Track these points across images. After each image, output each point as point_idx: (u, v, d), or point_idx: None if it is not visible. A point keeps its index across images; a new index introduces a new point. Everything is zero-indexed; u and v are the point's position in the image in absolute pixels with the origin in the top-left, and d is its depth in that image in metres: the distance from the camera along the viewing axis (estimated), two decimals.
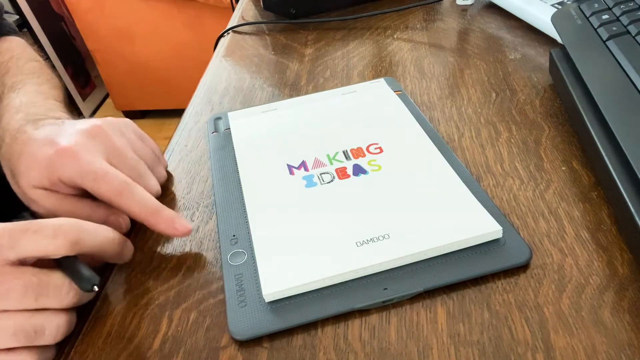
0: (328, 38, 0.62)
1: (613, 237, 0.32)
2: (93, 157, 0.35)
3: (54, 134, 0.36)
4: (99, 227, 0.31)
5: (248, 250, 0.34)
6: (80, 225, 0.30)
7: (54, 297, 0.29)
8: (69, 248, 0.29)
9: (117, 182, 0.34)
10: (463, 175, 0.37)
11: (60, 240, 0.29)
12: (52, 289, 0.28)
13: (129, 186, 0.34)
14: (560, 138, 0.40)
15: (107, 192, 0.34)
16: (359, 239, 0.32)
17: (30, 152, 0.35)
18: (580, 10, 0.45)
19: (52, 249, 0.29)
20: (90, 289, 0.29)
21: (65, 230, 0.29)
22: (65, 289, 0.29)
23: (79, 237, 0.29)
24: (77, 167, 0.34)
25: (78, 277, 0.29)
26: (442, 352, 0.27)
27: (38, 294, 0.28)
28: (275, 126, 0.45)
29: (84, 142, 0.35)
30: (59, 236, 0.29)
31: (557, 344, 0.27)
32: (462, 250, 0.32)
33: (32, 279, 0.28)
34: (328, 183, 0.37)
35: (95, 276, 0.29)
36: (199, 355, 0.29)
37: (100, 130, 0.37)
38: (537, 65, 0.50)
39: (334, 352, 0.28)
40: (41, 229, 0.29)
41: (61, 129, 0.37)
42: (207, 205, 0.39)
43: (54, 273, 0.29)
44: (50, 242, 0.28)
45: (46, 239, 0.28)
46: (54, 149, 0.35)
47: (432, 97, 0.48)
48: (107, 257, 0.32)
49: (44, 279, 0.28)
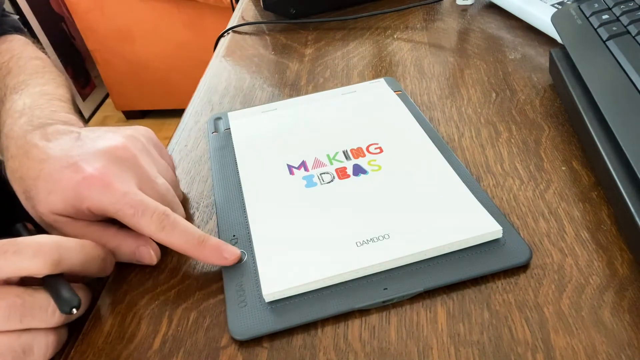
0: (328, 38, 0.62)
1: (613, 237, 0.32)
2: (128, 187, 0.32)
3: (73, 152, 0.33)
4: (82, 245, 0.31)
5: (248, 250, 0.34)
6: (61, 243, 0.29)
7: (39, 318, 0.28)
8: (51, 268, 0.28)
9: (157, 216, 0.31)
10: (463, 175, 0.37)
11: (41, 260, 0.28)
12: (37, 309, 0.28)
13: (169, 218, 0.32)
14: (560, 138, 0.40)
15: (147, 227, 0.31)
16: (359, 239, 0.32)
17: (50, 176, 0.33)
18: (580, 10, 0.45)
19: (33, 269, 0.28)
20: (69, 312, 0.28)
21: (47, 250, 0.28)
22: (51, 308, 0.28)
23: (60, 256, 0.29)
24: (112, 199, 0.31)
25: (58, 298, 0.28)
26: (442, 352, 0.27)
27: (22, 315, 0.27)
28: (275, 126, 0.45)
29: (113, 168, 0.33)
30: (40, 256, 0.28)
31: (557, 344, 0.27)
32: (462, 250, 0.32)
33: (15, 300, 0.27)
34: (328, 183, 0.37)
35: (75, 298, 0.28)
36: (199, 355, 0.29)
37: (127, 152, 0.34)
38: (537, 65, 0.50)
39: (334, 352, 0.28)
40: (21, 249, 0.28)
41: (79, 145, 0.34)
42: (207, 205, 0.39)
43: (38, 293, 0.28)
44: (31, 262, 0.28)
45: (27, 259, 0.28)
46: (81, 176, 0.32)
47: (432, 97, 0.48)
48: (91, 273, 0.31)
49: (28, 299, 0.28)
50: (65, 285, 0.29)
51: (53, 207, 0.33)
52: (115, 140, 0.35)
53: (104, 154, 0.33)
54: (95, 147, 0.34)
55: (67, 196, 0.32)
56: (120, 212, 0.32)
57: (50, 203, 0.32)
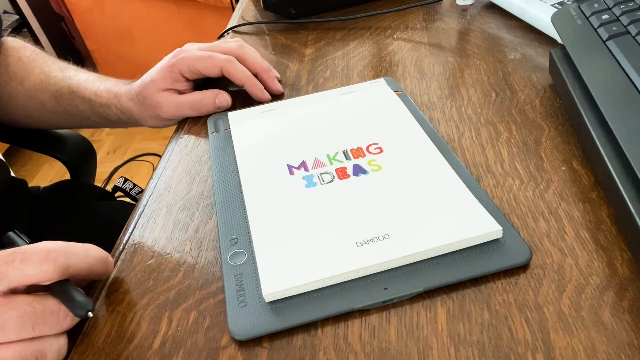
0: (328, 38, 0.62)
1: (613, 237, 0.32)
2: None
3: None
4: (87, 248, 0.31)
5: (248, 250, 0.34)
6: (68, 249, 0.30)
7: (51, 324, 0.28)
8: (60, 273, 0.28)
9: (222, 58, 0.49)
10: (463, 175, 0.37)
11: (50, 267, 0.28)
12: (49, 316, 0.28)
13: (231, 61, 0.49)
14: (560, 138, 0.40)
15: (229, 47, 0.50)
16: (359, 239, 0.32)
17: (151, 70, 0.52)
18: (580, 10, 0.45)
19: (42, 277, 0.28)
20: (85, 315, 0.28)
21: (54, 257, 0.28)
22: (62, 313, 0.28)
23: (68, 261, 0.29)
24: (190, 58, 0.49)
25: (71, 303, 0.28)
26: (442, 352, 0.27)
27: (35, 323, 0.27)
28: (275, 126, 0.45)
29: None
30: (49, 262, 0.28)
31: (557, 344, 0.27)
32: (462, 250, 0.32)
33: (26, 309, 0.27)
34: (328, 183, 0.37)
35: (89, 302, 0.29)
36: (199, 355, 0.29)
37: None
38: (537, 65, 0.50)
39: (334, 352, 0.28)
40: (28, 257, 0.28)
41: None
42: (207, 205, 0.39)
43: (47, 300, 0.28)
44: (40, 269, 0.28)
45: (35, 266, 0.28)
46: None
47: (432, 97, 0.48)
48: (95, 276, 0.32)
49: (39, 307, 0.28)
50: (76, 290, 0.29)
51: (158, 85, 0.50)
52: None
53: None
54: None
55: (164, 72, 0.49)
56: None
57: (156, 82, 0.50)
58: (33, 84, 0.57)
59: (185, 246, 0.36)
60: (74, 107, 0.56)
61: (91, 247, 0.32)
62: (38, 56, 0.59)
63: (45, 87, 0.56)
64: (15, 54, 0.58)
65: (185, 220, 0.38)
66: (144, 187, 0.45)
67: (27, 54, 0.59)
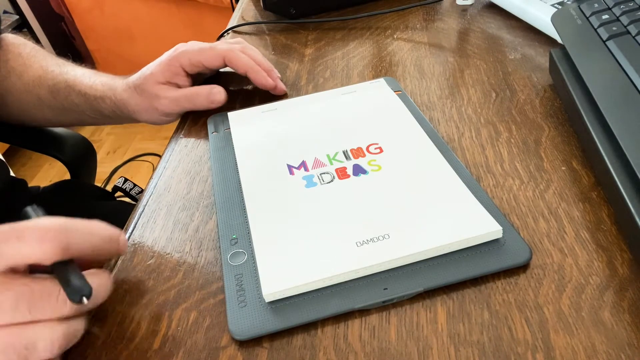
0: (328, 38, 0.62)
1: (613, 237, 0.32)
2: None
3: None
4: (91, 226, 0.29)
5: (248, 250, 0.34)
6: (69, 226, 0.27)
7: (49, 308, 0.26)
8: (59, 253, 0.26)
9: (224, 48, 0.50)
10: (463, 175, 0.37)
11: (48, 246, 0.26)
12: (47, 298, 0.26)
13: (234, 50, 0.49)
14: (560, 138, 0.40)
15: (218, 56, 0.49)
16: (359, 239, 0.32)
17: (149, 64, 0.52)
18: (580, 10, 0.45)
19: (40, 256, 0.26)
20: (79, 301, 0.26)
21: (53, 235, 0.26)
22: (62, 297, 0.26)
23: (68, 241, 0.27)
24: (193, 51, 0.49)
25: (67, 286, 0.26)
26: (442, 352, 0.27)
27: (31, 305, 0.25)
28: (275, 126, 0.45)
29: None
30: (47, 241, 0.26)
31: (557, 344, 0.27)
32: (462, 250, 0.32)
33: (23, 289, 0.25)
34: (328, 183, 0.37)
35: (85, 286, 0.26)
36: (199, 355, 0.29)
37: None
38: (537, 65, 0.50)
39: (334, 352, 0.28)
40: (24, 235, 0.26)
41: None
42: (207, 205, 0.39)
43: (47, 281, 0.26)
44: (37, 248, 0.26)
45: (32, 245, 0.26)
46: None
47: (432, 97, 0.48)
48: (103, 256, 0.30)
49: (37, 288, 0.26)
50: (75, 272, 0.27)
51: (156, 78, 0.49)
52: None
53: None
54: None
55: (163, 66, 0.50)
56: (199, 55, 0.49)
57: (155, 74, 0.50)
58: (31, 78, 0.56)
59: (185, 246, 0.36)
60: (70, 101, 0.55)
61: (97, 224, 0.29)
62: (37, 52, 0.59)
63: (42, 82, 0.56)
64: (15, 50, 0.58)
65: (185, 220, 0.38)
66: (144, 187, 0.45)
67: (27, 50, 0.59)
